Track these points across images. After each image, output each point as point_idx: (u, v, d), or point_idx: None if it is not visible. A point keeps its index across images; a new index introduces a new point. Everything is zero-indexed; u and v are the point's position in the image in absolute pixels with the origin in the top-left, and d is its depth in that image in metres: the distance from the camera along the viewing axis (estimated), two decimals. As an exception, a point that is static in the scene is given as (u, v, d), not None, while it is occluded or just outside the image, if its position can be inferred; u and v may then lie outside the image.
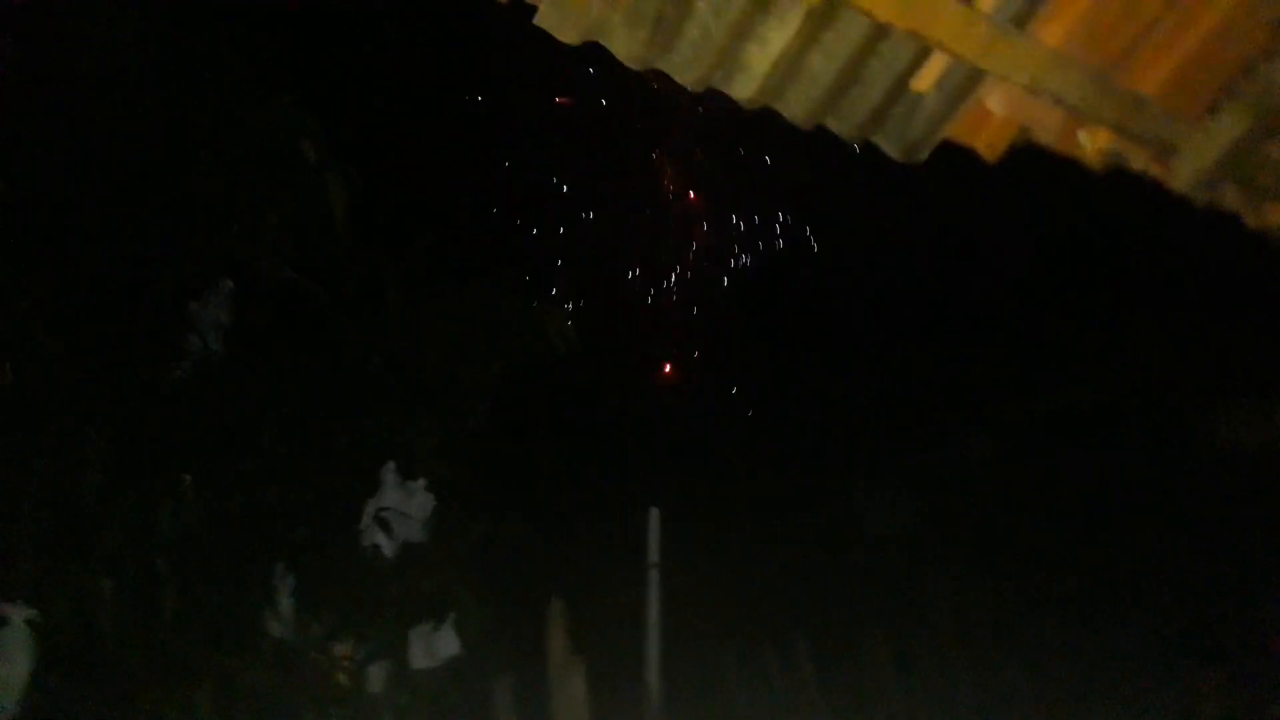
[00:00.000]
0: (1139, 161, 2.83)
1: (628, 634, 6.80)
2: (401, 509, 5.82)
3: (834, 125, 2.51)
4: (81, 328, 5.08)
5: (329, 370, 6.30)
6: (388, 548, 5.72)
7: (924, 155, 2.61)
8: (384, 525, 5.63)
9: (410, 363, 6.36)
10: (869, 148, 2.61)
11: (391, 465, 5.90)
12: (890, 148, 2.59)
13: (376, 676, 5.94)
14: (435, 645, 5.90)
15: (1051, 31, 2.50)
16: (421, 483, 5.96)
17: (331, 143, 5.75)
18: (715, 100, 2.54)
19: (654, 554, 7.17)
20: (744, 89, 2.36)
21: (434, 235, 6.78)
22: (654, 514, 7.21)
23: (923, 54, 2.42)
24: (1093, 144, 2.78)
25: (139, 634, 4.73)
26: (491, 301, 6.67)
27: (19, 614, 4.06)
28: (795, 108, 2.44)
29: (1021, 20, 2.43)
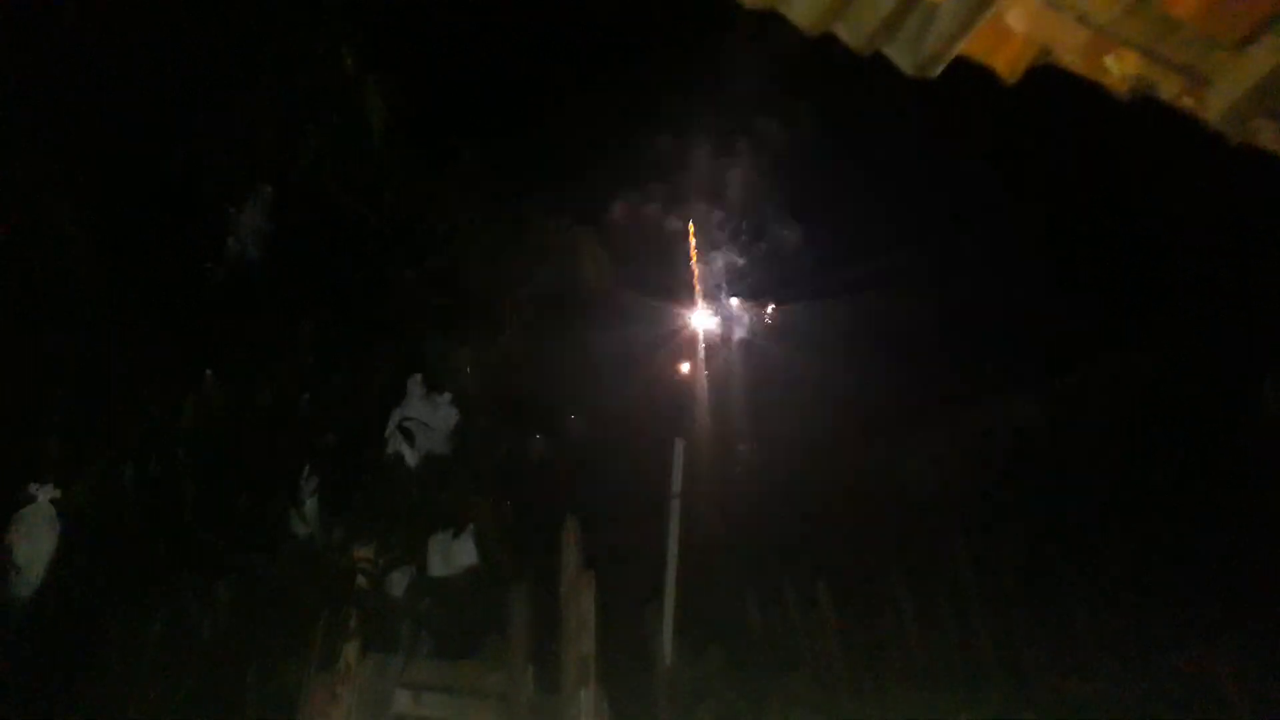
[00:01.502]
0: (1169, 90, 2.70)
1: (644, 559, 6.87)
2: (426, 420, 5.92)
3: (843, 33, 2.43)
4: (122, 225, 5.19)
5: (364, 281, 6.39)
6: (410, 457, 5.84)
7: (937, 71, 2.52)
8: (407, 435, 5.74)
9: (444, 278, 6.42)
10: (880, 60, 2.53)
11: (418, 377, 6.00)
12: (902, 60, 2.50)
13: (396, 581, 6.11)
14: (453, 554, 6.03)
15: (1079, -56, 2.39)
16: (447, 396, 6.05)
17: (373, 53, 5.75)
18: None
19: (677, 484, 7.18)
20: (749, -11, 2.28)
21: (475, 152, 6.79)
22: (679, 444, 7.21)
23: (939, -39, 2.32)
24: (1120, 68, 2.66)
25: (163, 522, 4.90)
26: (529, 222, 6.68)
27: (45, 494, 4.22)
28: (801, 12, 2.36)
29: (1047, -70, 2.32)
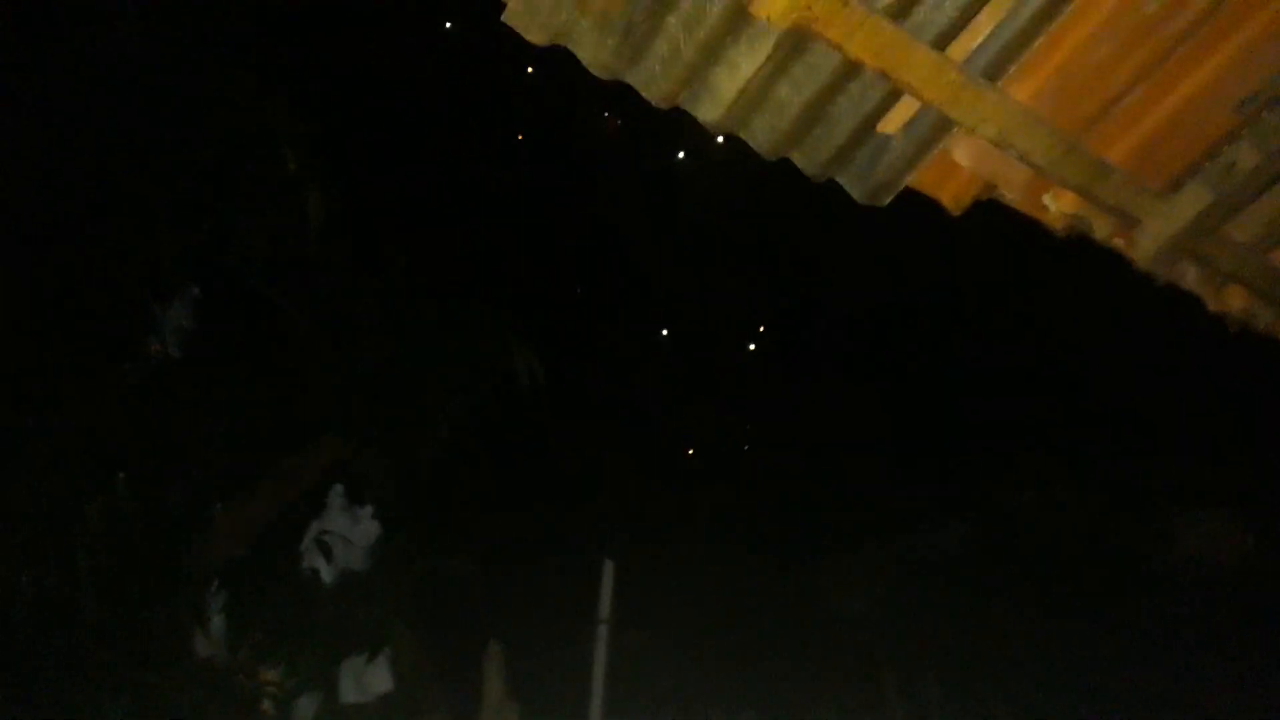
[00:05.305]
0: (1102, 230, 2.82)
1: (568, 687, 6.60)
2: (345, 534, 5.69)
3: (798, 160, 2.49)
4: (35, 317, 4.99)
5: (289, 384, 6.21)
6: (326, 573, 5.58)
7: (886, 200, 2.59)
8: (324, 549, 5.49)
9: (373, 384, 6.27)
10: (833, 186, 2.60)
11: (339, 488, 5.79)
12: (853, 189, 2.57)
13: (304, 707, 5.75)
14: (367, 679, 5.72)
15: (1022, 89, 2.51)
16: (369, 509, 5.84)
17: (315, 153, 5.72)
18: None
19: (605, 609, 6.98)
20: (710, 112, 2.34)
21: (412, 256, 6.75)
22: (609, 567, 7.03)
23: (892, 96, 2.41)
24: (1057, 207, 2.77)
25: (57, 636, 4.56)
26: (463, 329, 6.59)
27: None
28: (760, 137, 2.42)
29: (993, 73, 2.44)
